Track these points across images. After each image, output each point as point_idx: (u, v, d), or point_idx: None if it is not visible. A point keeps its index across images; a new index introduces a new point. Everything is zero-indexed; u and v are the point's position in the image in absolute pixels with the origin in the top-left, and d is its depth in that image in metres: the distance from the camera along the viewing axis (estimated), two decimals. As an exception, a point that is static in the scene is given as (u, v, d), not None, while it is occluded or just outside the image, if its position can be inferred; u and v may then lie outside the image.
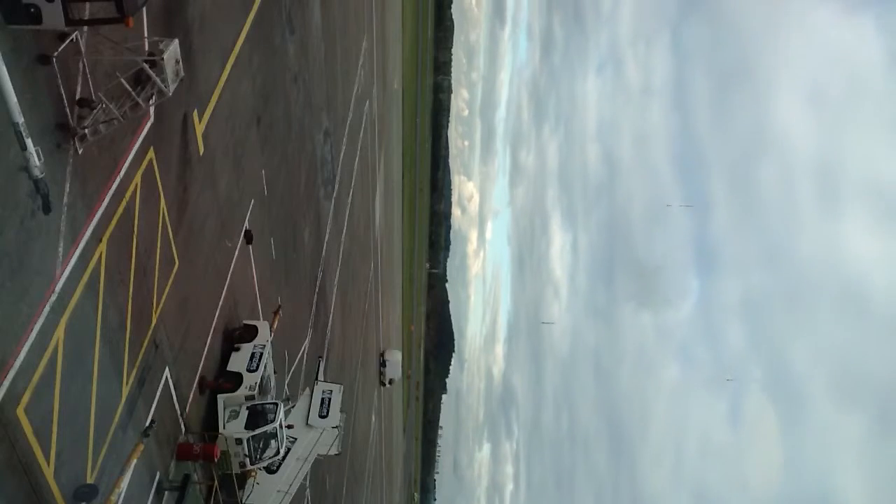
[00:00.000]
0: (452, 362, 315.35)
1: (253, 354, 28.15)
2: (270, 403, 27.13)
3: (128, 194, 18.06)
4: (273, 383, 30.58)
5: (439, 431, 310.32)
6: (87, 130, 15.15)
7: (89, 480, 16.59)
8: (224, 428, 25.68)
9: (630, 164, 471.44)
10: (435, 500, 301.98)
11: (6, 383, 13.18)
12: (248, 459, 25.84)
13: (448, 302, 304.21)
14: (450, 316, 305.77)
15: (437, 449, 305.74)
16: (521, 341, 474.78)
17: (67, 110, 14.77)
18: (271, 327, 30.95)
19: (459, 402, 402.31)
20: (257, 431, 25.76)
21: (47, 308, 14.47)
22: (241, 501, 27.67)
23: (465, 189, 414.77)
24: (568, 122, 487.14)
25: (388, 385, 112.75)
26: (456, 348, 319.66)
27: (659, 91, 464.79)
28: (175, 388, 22.44)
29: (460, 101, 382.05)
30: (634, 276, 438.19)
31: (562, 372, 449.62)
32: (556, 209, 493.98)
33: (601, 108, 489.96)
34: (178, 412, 22.95)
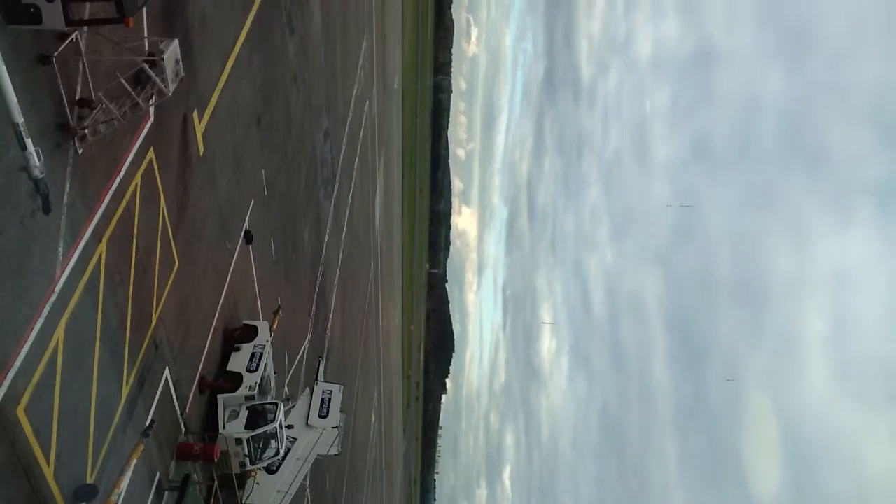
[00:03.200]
0: (449, 394, 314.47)
1: (253, 354, 28.18)
2: (270, 403, 27.13)
3: (128, 194, 18.06)
4: (273, 383, 30.59)
5: (439, 432, 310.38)
6: (87, 130, 15.15)
7: (89, 480, 16.58)
8: (224, 428, 25.69)
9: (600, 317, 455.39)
10: (435, 500, 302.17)
11: (6, 383, 13.17)
12: (248, 459, 25.85)
13: (448, 302, 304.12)
14: (450, 316, 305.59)
15: (437, 449, 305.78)
16: (516, 398, 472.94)
17: (67, 110, 14.76)
18: (271, 327, 30.96)
19: (457, 455, 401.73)
20: (257, 431, 25.77)
21: (47, 308, 14.46)
22: (241, 501, 27.66)
23: (464, 221, 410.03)
24: (555, 233, 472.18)
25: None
26: (454, 368, 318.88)
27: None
28: (175, 388, 22.44)
29: (461, 132, 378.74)
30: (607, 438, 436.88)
31: (546, 465, 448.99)
32: (545, 300, 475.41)
33: (580, 230, 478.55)
34: (178, 412, 22.95)
